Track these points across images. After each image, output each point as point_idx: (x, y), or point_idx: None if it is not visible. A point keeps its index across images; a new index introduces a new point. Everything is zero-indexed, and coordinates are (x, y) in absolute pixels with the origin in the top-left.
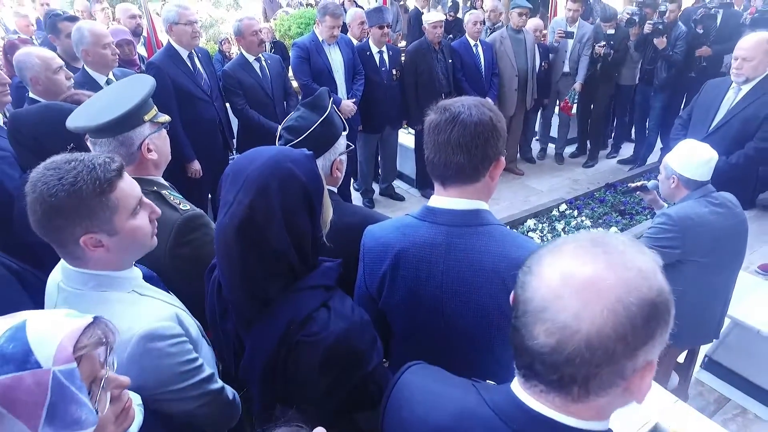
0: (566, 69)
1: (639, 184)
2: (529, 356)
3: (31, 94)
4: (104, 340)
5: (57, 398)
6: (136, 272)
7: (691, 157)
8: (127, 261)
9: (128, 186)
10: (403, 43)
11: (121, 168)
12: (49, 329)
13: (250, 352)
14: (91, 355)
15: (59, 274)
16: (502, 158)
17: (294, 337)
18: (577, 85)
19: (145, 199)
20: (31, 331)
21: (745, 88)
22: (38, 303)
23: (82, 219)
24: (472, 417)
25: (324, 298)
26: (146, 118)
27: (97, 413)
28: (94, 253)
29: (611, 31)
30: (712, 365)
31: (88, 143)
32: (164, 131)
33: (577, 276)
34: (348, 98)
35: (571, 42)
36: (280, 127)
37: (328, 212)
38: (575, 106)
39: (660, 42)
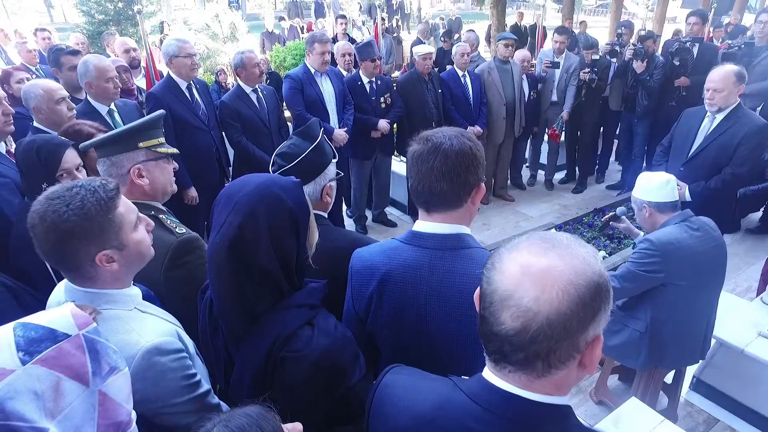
0: (554, 98)
1: (610, 215)
2: (498, 341)
3: (35, 123)
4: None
5: (94, 354)
6: (136, 290)
7: (650, 183)
8: (131, 275)
9: (126, 203)
10: (396, 73)
11: (118, 187)
12: (50, 314)
13: (239, 367)
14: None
15: (63, 295)
16: (482, 184)
17: (279, 352)
18: (565, 114)
19: (139, 213)
20: (37, 320)
21: (719, 117)
22: None
23: (94, 238)
24: (449, 403)
25: (309, 316)
26: (142, 145)
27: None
28: (108, 269)
29: (595, 57)
30: (700, 386)
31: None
32: (165, 163)
33: (534, 266)
34: (339, 127)
35: (558, 72)
36: (273, 154)
37: (314, 235)
38: (563, 133)
39: (639, 66)
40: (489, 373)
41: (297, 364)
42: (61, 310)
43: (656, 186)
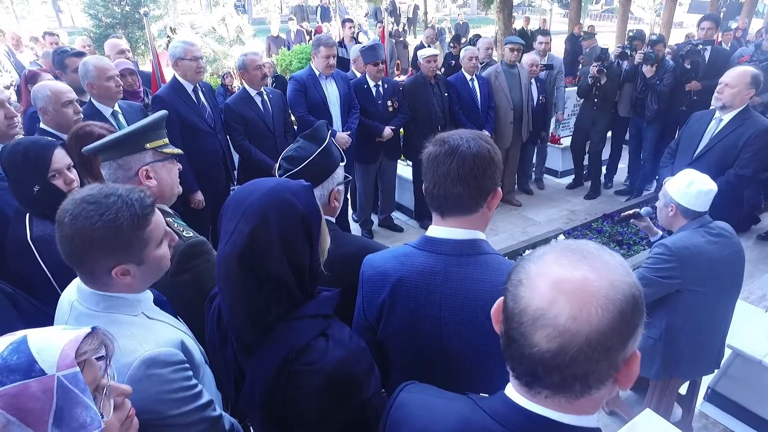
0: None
1: (632, 211)
2: (530, 363)
3: (41, 125)
4: (103, 347)
5: (63, 403)
6: (148, 295)
7: (691, 187)
8: (146, 285)
9: (158, 219)
10: (402, 77)
11: (154, 203)
12: (50, 340)
13: (250, 381)
14: (92, 362)
15: (74, 293)
16: (499, 189)
17: (293, 365)
18: (559, 115)
19: (167, 228)
20: (33, 343)
21: (726, 118)
22: (30, 326)
23: (118, 251)
24: (471, 426)
25: (323, 326)
26: (148, 146)
27: (102, 417)
28: (121, 280)
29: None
30: (715, 397)
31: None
32: (170, 164)
33: (567, 281)
34: (343, 131)
35: (544, 74)
36: (280, 158)
37: (326, 241)
38: (565, 136)
39: (648, 70)
40: (513, 392)
41: (311, 377)
42: (62, 337)
43: (695, 193)
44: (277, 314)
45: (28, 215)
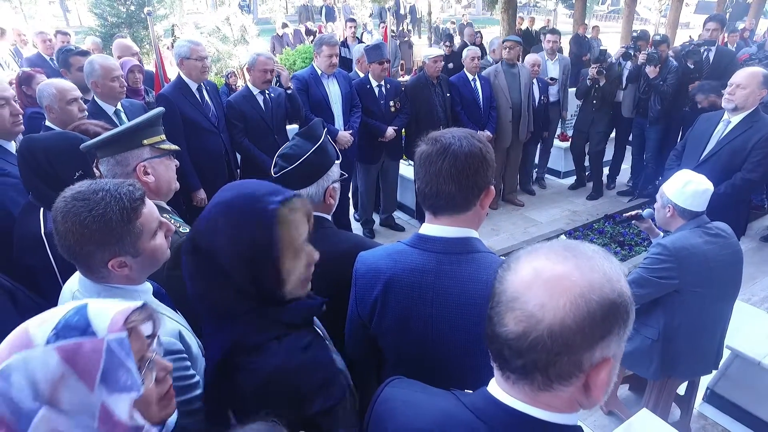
0: (552, 98)
1: (634, 213)
2: (499, 342)
3: (47, 122)
4: (151, 322)
5: (109, 364)
6: (147, 286)
7: (687, 187)
8: (144, 276)
9: (150, 210)
10: (406, 77)
11: (144, 195)
12: (106, 307)
13: (205, 361)
14: (139, 332)
15: (76, 283)
16: (492, 187)
17: (235, 358)
18: (565, 114)
19: (162, 219)
20: (92, 309)
21: (735, 120)
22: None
23: (111, 245)
24: (452, 420)
25: (279, 332)
26: (145, 142)
27: (142, 383)
28: (119, 273)
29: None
30: (714, 398)
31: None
32: (168, 160)
33: (547, 272)
34: (345, 129)
35: (556, 75)
36: (275, 155)
37: (299, 264)
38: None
39: (652, 71)
40: (495, 387)
41: (249, 375)
42: (115, 307)
43: (691, 193)
44: (241, 309)
45: (42, 210)
